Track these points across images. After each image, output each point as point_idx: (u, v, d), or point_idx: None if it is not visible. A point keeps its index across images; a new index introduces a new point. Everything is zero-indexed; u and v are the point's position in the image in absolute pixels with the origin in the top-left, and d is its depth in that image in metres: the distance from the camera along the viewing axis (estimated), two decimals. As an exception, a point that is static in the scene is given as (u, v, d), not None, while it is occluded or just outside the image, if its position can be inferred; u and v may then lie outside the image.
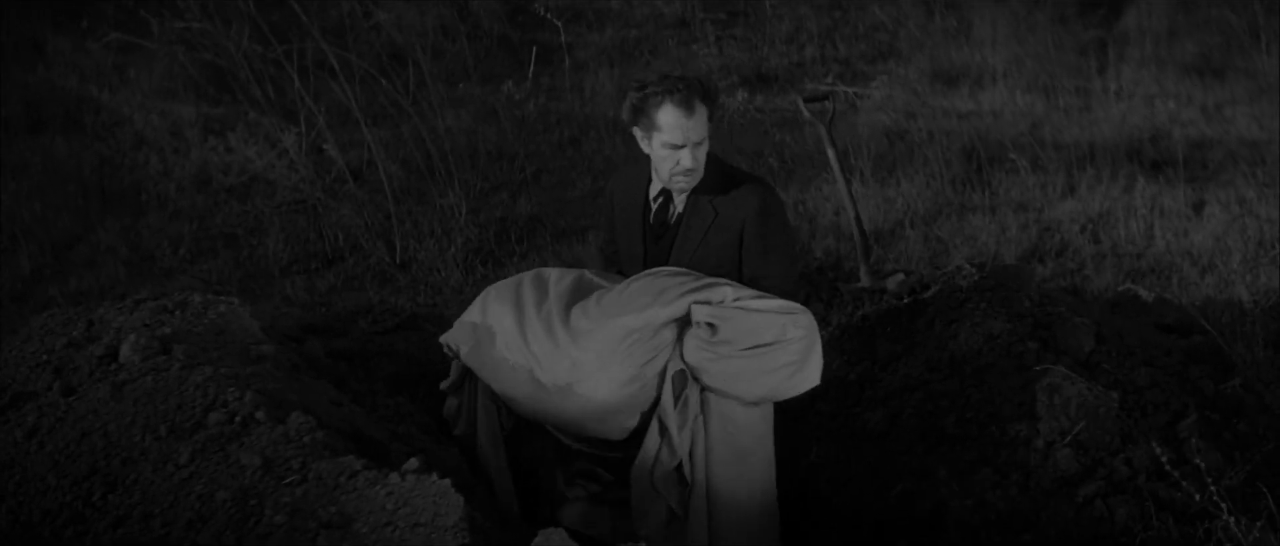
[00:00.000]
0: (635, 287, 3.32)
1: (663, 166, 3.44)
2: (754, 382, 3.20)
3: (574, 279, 3.49)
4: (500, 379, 3.38)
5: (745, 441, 3.29)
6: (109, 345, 3.37)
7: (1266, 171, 7.47)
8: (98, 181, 8.12)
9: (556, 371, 3.25)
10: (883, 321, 4.57)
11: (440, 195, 7.23)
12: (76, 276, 6.54)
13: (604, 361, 3.19)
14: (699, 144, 3.37)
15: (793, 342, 3.15)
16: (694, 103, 3.29)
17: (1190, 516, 2.97)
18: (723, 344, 3.15)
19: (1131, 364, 3.76)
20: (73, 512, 2.63)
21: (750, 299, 3.21)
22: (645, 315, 3.19)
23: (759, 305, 3.19)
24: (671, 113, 3.30)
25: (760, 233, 3.47)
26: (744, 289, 3.27)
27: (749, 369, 3.17)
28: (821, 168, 7.80)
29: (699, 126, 3.33)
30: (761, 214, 3.47)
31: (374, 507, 2.45)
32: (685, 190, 3.49)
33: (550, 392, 3.26)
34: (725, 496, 3.28)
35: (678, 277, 3.31)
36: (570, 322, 3.28)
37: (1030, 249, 6.48)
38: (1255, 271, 5.72)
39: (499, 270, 6.28)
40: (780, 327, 3.15)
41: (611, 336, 3.20)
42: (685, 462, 3.23)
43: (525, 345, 3.30)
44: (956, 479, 3.55)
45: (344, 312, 5.27)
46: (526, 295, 3.42)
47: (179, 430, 2.85)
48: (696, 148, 3.37)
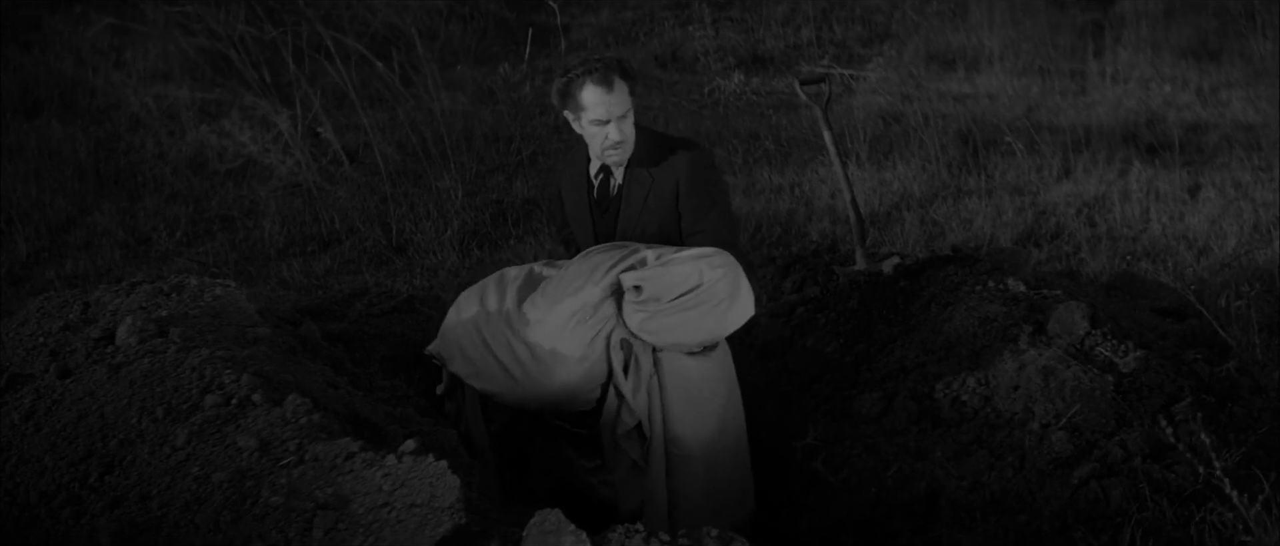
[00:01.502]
0: (571, 271, 3.54)
1: (594, 143, 3.67)
2: (691, 329, 3.43)
3: (526, 273, 3.70)
4: (480, 378, 3.59)
5: (701, 392, 3.53)
6: (105, 327, 3.37)
7: (1262, 155, 7.48)
8: (94, 164, 8.11)
9: (520, 362, 3.48)
10: (878, 304, 4.57)
11: (436, 178, 7.22)
12: (73, 259, 6.53)
13: (554, 345, 3.42)
14: (623, 117, 3.57)
15: (716, 283, 3.38)
16: (613, 79, 3.50)
17: (1184, 498, 2.98)
18: (651, 301, 3.37)
19: (1127, 347, 3.77)
20: (70, 494, 2.64)
21: (671, 253, 3.44)
22: (581, 296, 3.42)
23: (675, 256, 3.42)
24: (593, 91, 3.51)
25: (690, 190, 3.69)
26: (667, 249, 3.51)
27: (682, 319, 3.39)
28: (817, 150, 7.80)
29: (621, 101, 3.54)
30: (691, 173, 3.68)
31: (370, 489, 2.45)
32: (620, 163, 3.72)
33: (520, 382, 3.49)
34: (687, 444, 3.52)
35: (609, 252, 3.54)
36: (524, 315, 3.50)
37: (1026, 232, 6.49)
38: (1250, 255, 5.73)
39: (495, 252, 6.28)
40: (698, 272, 3.37)
41: (557, 321, 3.43)
42: (644, 421, 3.48)
43: (490, 345, 3.52)
44: (951, 460, 3.56)
45: (340, 295, 5.26)
46: (489, 298, 3.62)
47: (175, 412, 2.86)
48: (621, 121, 3.57)
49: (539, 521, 2.14)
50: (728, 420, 3.61)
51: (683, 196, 3.70)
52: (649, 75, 10.56)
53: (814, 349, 4.47)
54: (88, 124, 8.79)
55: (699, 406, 3.53)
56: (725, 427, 3.60)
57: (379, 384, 3.86)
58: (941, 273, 4.55)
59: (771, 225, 6.43)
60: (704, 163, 3.73)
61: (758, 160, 8.01)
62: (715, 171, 3.79)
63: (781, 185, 7.40)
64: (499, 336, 3.50)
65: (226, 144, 7.72)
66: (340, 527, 2.34)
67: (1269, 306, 4.59)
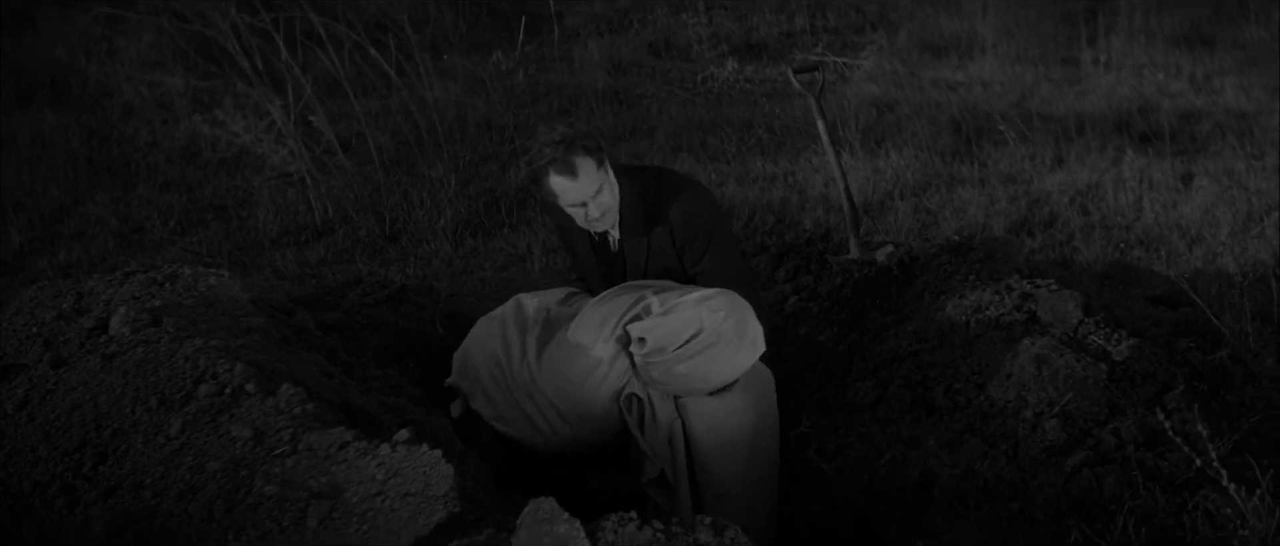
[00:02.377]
0: (584, 324, 3.45)
1: (577, 220, 3.57)
2: (702, 375, 3.33)
3: (544, 318, 3.63)
4: (503, 422, 3.54)
5: (728, 429, 3.43)
6: (99, 317, 3.37)
7: (1255, 143, 7.49)
8: (87, 153, 8.09)
9: (542, 415, 3.44)
10: (872, 293, 4.58)
11: (429, 167, 7.21)
12: (66, 248, 6.52)
13: (573, 405, 3.39)
14: (596, 194, 3.46)
15: (719, 325, 3.28)
16: (574, 163, 3.37)
17: (1177, 486, 2.99)
18: (657, 352, 3.27)
19: (1120, 335, 3.77)
20: (63, 483, 2.64)
21: (674, 298, 3.34)
22: (595, 353, 3.35)
23: (678, 302, 3.32)
24: (557, 180, 3.40)
25: (688, 240, 3.64)
26: (673, 291, 3.43)
27: (691, 365, 3.29)
28: (811, 139, 7.80)
29: (588, 181, 3.42)
30: (684, 225, 3.62)
31: (364, 478, 2.45)
32: (609, 228, 3.66)
33: (543, 433, 3.45)
34: (722, 482, 3.46)
35: (617, 300, 3.46)
36: (543, 368, 3.44)
37: (1019, 221, 6.49)
38: (1243, 243, 5.74)
39: (488, 241, 6.28)
40: (699, 318, 3.27)
41: (575, 379, 3.37)
42: (666, 470, 3.41)
43: (514, 392, 3.48)
44: (945, 448, 3.57)
45: (334, 285, 5.26)
46: (511, 337, 3.57)
47: (169, 402, 2.86)
48: (595, 199, 3.47)
49: (533, 509, 2.14)
50: (760, 448, 3.54)
51: (681, 246, 3.64)
52: (642, 63, 10.56)
53: (807, 338, 4.48)
54: (81, 112, 8.77)
55: (728, 444, 3.44)
56: (757, 457, 3.53)
57: (373, 373, 3.87)
58: (935, 261, 4.56)
59: (765, 214, 6.43)
60: (695, 210, 3.64)
61: (751, 149, 8.01)
62: (708, 211, 3.69)
63: (775, 174, 7.40)
64: (521, 387, 3.45)
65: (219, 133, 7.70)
66: (334, 516, 2.34)
67: (1262, 295, 4.60)
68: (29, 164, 7.75)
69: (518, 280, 5.43)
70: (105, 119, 8.61)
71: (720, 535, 2.18)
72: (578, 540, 2.10)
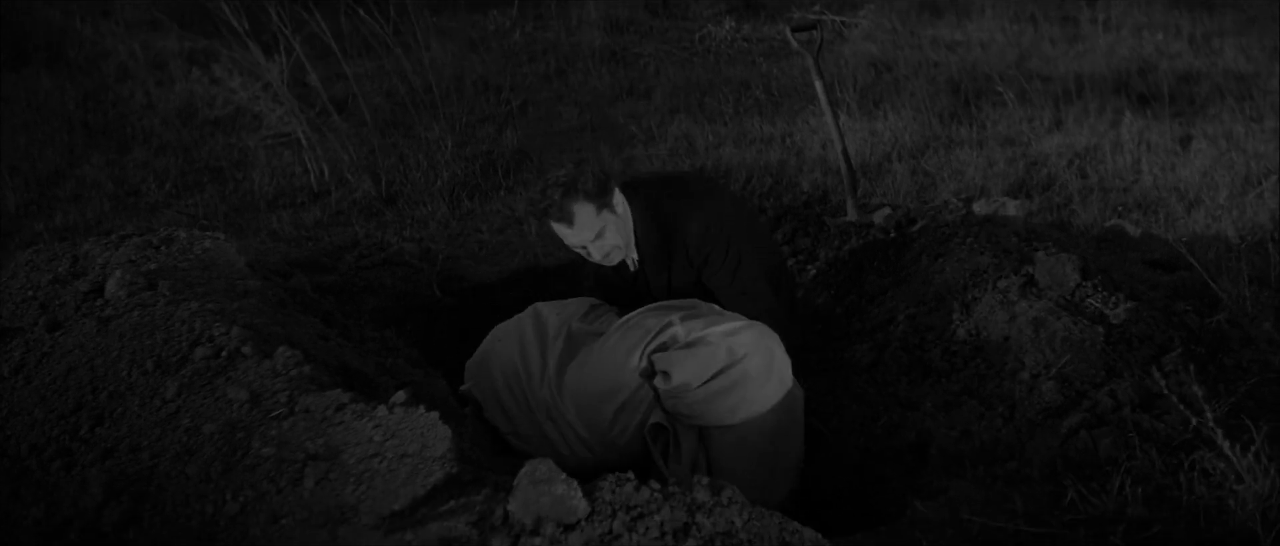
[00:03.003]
0: (608, 351, 3.39)
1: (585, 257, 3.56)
2: (725, 410, 3.27)
3: (566, 334, 3.56)
4: (520, 439, 3.51)
5: (756, 456, 3.38)
6: (95, 281, 3.36)
7: (1254, 105, 7.47)
8: (82, 115, 8.05)
9: (566, 440, 3.39)
10: (870, 255, 4.58)
11: (425, 128, 7.18)
12: (62, 211, 6.50)
13: (595, 433, 3.33)
14: (596, 238, 3.44)
15: (745, 361, 3.23)
16: (571, 211, 3.35)
17: (1174, 447, 2.99)
18: (681, 388, 3.23)
19: (1117, 298, 3.77)
20: (60, 446, 2.64)
21: (700, 329, 3.28)
22: (619, 379, 3.30)
23: (703, 334, 3.26)
24: (555, 226, 3.40)
25: (705, 262, 3.60)
26: (698, 318, 3.35)
27: (715, 399, 3.24)
28: (809, 99, 7.78)
29: (586, 226, 3.40)
30: (699, 247, 3.58)
31: (361, 439, 2.45)
32: (622, 258, 3.63)
33: (563, 456, 3.37)
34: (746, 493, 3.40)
35: (641, 324, 3.40)
36: (564, 389, 3.39)
37: (1017, 183, 6.48)
38: (1241, 207, 5.73)
39: (485, 203, 6.25)
40: (727, 351, 3.22)
41: (598, 407, 3.31)
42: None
43: (535, 412, 3.44)
44: (941, 410, 3.58)
45: (330, 247, 5.25)
46: (531, 355, 3.52)
47: (165, 365, 2.85)
48: (596, 242, 3.45)
49: (530, 470, 2.14)
50: (782, 469, 3.49)
51: (701, 262, 3.60)
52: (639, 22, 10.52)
53: (805, 300, 4.48)
54: (76, 74, 8.73)
55: (751, 472, 3.37)
56: (779, 478, 3.48)
57: (369, 335, 3.87)
58: (933, 224, 4.55)
59: (762, 176, 6.41)
60: (707, 232, 3.56)
61: (748, 109, 7.98)
62: (720, 230, 3.59)
63: (772, 135, 7.37)
64: (542, 407, 3.42)
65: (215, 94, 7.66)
66: (331, 477, 2.34)
67: (1260, 258, 4.59)
68: (24, 126, 7.71)
69: (515, 242, 5.42)
70: (100, 80, 8.56)
71: (717, 494, 2.19)
72: (575, 500, 2.10)
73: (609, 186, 3.44)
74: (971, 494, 3.01)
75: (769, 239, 3.90)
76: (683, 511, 2.13)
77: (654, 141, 7.30)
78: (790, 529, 2.20)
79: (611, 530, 2.07)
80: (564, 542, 2.06)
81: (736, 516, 2.15)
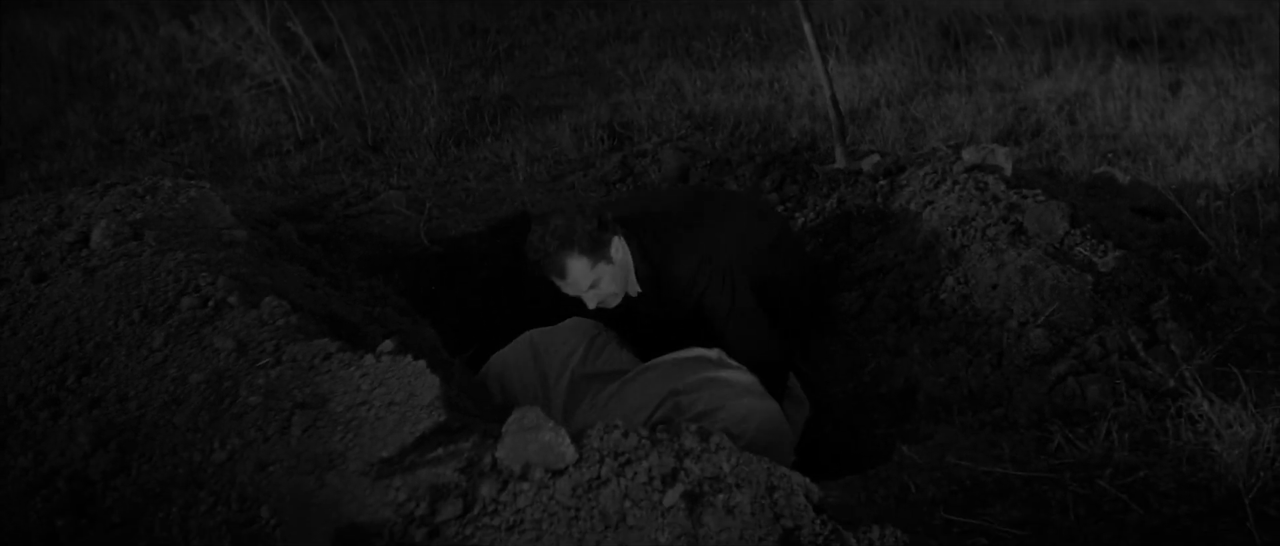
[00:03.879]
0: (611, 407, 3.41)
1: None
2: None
3: (568, 383, 3.56)
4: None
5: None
6: (80, 231, 3.34)
7: (1244, 51, 7.45)
8: (66, 61, 7.98)
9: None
10: (858, 203, 4.57)
11: (411, 74, 7.13)
12: (47, 160, 6.45)
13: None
14: (592, 287, 3.43)
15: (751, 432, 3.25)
16: (564, 265, 3.34)
17: (1161, 394, 3.01)
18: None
19: (1106, 246, 3.77)
20: (47, 395, 2.63)
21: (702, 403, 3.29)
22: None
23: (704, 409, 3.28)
24: (551, 279, 3.40)
25: (702, 297, 3.58)
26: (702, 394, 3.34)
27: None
28: (797, 43, 7.73)
29: (579, 280, 3.40)
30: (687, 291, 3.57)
31: (349, 388, 2.45)
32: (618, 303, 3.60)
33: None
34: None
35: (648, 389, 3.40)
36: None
37: (1006, 129, 6.47)
38: (1231, 154, 5.73)
39: (471, 151, 6.22)
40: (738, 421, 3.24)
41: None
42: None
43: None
44: (929, 357, 3.59)
45: (317, 196, 5.23)
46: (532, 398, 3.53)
47: (152, 315, 2.85)
48: (592, 290, 3.44)
49: (518, 417, 2.14)
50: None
51: (696, 303, 3.59)
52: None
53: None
54: (59, 18, 8.63)
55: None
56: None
57: (357, 284, 3.86)
58: (921, 171, 4.54)
59: (750, 122, 6.39)
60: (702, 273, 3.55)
61: (736, 53, 7.95)
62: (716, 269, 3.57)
63: (761, 80, 7.34)
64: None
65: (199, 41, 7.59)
66: (319, 425, 2.34)
67: (1248, 206, 4.60)
68: (8, 74, 7.64)
69: (502, 191, 5.40)
70: (84, 25, 8.48)
71: (705, 440, 2.19)
72: (563, 446, 2.10)
73: (604, 238, 3.41)
74: (959, 439, 3.02)
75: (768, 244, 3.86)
76: (671, 457, 2.13)
77: (642, 86, 7.26)
78: (778, 473, 2.20)
79: (599, 475, 2.08)
80: (552, 488, 2.07)
81: (724, 461, 2.15)
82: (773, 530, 2.07)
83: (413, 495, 2.11)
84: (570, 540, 1.99)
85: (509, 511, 2.05)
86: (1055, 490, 2.58)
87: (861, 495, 2.66)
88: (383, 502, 2.12)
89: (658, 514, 2.03)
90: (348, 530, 2.09)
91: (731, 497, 2.08)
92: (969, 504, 2.58)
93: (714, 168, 5.10)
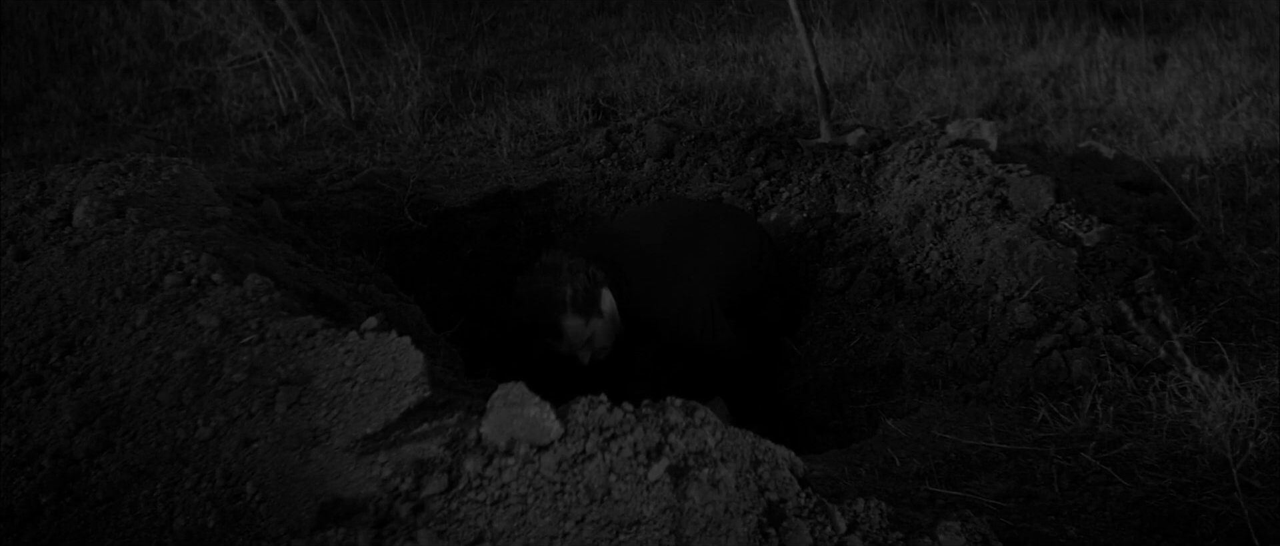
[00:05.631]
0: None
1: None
2: None
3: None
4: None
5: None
6: (62, 209, 3.32)
7: (1229, 23, 7.45)
8: (48, 36, 7.91)
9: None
10: (842, 177, 4.56)
11: (395, 48, 7.10)
12: (29, 137, 6.41)
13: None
14: (585, 344, 3.46)
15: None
16: (561, 327, 3.37)
17: (1146, 367, 3.02)
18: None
19: (1091, 221, 3.78)
20: (31, 374, 2.62)
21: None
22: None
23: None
24: (545, 338, 3.42)
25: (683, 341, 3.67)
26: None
27: None
28: (782, 15, 7.71)
29: (575, 339, 3.42)
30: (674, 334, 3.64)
31: (333, 365, 2.45)
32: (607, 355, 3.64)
33: None
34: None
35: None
36: None
37: (991, 103, 6.46)
38: (1216, 128, 5.74)
39: (456, 126, 6.20)
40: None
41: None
42: None
43: None
44: (914, 331, 3.60)
45: (301, 172, 5.21)
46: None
47: (135, 292, 2.83)
48: (584, 347, 3.47)
49: (503, 393, 2.14)
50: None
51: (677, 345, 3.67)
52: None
53: (778, 222, 4.47)
54: (41, -10, 8.57)
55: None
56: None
57: (341, 261, 3.84)
58: (906, 146, 4.54)
59: (735, 96, 6.38)
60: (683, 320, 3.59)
61: (721, 26, 7.92)
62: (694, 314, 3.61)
63: (745, 53, 7.32)
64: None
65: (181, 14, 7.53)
66: (303, 402, 2.34)
67: (1233, 180, 4.61)
68: (-12, 50, 7.59)
69: (486, 166, 5.38)
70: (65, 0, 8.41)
71: (690, 415, 2.19)
72: (548, 421, 2.10)
73: (596, 294, 3.43)
74: (943, 413, 3.03)
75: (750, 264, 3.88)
76: (656, 432, 2.13)
77: (626, 60, 7.24)
78: (763, 447, 2.21)
79: (584, 450, 2.08)
80: (537, 463, 2.07)
81: (709, 436, 2.16)
82: (757, 503, 2.08)
83: (397, 470, 2.11)
84: (555, 514, 1.99)
85: (494, 486, 2.05)
86: (1040, 463, 2.59)
87: (846, 468, 2.67)
88: (367, 478, 2.12)
89: (643, 488, 2.03)
90: (332, 505, 2.09)
91: (716, 471, 2.08)
92: (953, 477, 2.59)
93: (698, 142, 5.09)
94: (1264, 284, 3.61)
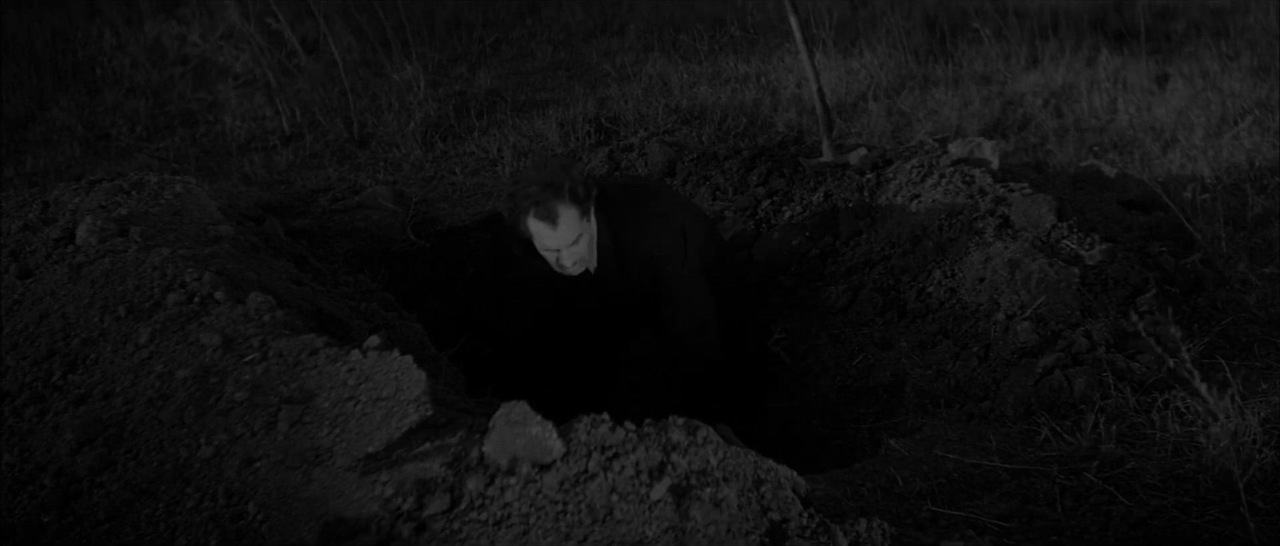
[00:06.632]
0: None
1: (549, 262, 3.52)
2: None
3: None
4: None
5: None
6: (65, 227, 3.33)
7: (1230, 42, 7.46)
8: (51, 56, 7.93)
9: None
10: (845, 196, 4.57)
11: (397, 69, 7.11)
12: (32, 156, 6.41)
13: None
14: (573, 244, 3.41)
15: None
16: (556, 211, 3.32)
17: (1148, 387, 3.02)
18: None
19: (1093, 239, 3.78)
20: (33, 392, 2.62)
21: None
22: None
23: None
24: (536, 224, 3.35)
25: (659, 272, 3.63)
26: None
27: None
28: (784, 36, 7.72)
29: (567, 230, 3.37)
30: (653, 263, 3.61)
31: (335, 383, 2.45)
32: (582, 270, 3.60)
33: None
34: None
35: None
36: None
37: (993, 122, 6.47)
38: (1217, 147, 5.74)
39: (458, 145, 6.21)
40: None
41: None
42: None
43: None
44: (916, 350, 3.59)
45: (303, 191, 5.22)
46: None
47: (138, 311, 2.83)
48: (571, 247, 3.42)
49: (505, 412, 2.14)
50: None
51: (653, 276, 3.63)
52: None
53: (780, 241, 4.48)
54: (45, 13, 8.58)
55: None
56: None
57: (343, 279, 3.85)
58: (908, 165, 4.55)
59: (737, 116, 6.38)
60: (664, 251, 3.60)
61: (723, 47, 7.93)
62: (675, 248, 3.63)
63: (748, 74, 7.33)
64: None
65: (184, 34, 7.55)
66: (305, 420, 2.34)
67: (1235, 199, 4.61)
68: (-8, 69, 7.60)
69: (488, 185, 5.39)
70: (70, 20, 8.43)
71: (692, 434, 2.19)
72: (550, 440, 2.10)
73: (590, 195, 3.42)
74: (946, 431, 3.03)
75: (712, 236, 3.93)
76: (658, 451, 2.13)
77: (628, 80, 7.25)
78: (765, 466, 2.20)
79: (587, 469, 2.08)
80: (539, 482, 2.06)
81: (712, 455, 2.15)
82: (760, 523, 2.07)
83: (399, 490, 2.11)
84: (557, 534, 1.99)
85: (496, 506, 2.04)
86: (1042, 482, 2.58)
87: (848, 488, 2.66)
88: (369, 497, 2.11)
89: (645, 507, 2.03)
90: (335, 525, 2.08)
91: (718, 491, 2.08)
92: (956, 496, 2.59)
93: (701, 161, 5.10)
94: (1266, 302, 3.61)
